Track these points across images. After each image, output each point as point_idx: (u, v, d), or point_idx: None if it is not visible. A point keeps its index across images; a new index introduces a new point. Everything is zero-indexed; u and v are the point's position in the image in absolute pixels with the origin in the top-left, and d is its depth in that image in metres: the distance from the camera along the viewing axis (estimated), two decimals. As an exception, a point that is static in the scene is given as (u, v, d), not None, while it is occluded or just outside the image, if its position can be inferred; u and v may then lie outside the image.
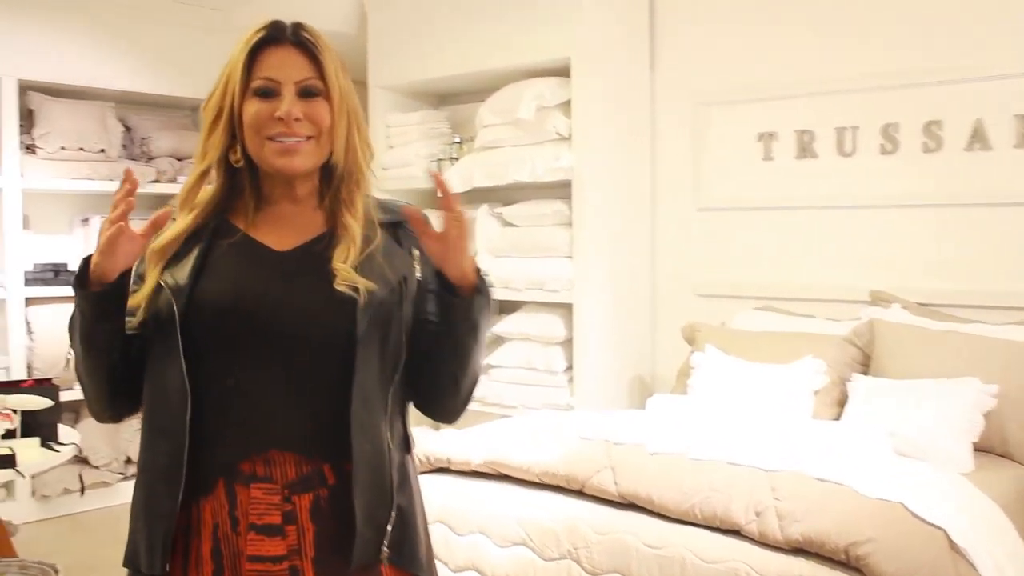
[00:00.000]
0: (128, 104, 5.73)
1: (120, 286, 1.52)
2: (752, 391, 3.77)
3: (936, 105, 4.03)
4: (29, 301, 5.09)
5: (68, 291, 5.38)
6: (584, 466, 3.01)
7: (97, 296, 1.51)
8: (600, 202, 4.60)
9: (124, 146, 5.62)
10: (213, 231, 1.61)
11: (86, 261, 1.51)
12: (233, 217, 1.64)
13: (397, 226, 1.67)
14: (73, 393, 4.97)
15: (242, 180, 1.63)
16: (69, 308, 1.54)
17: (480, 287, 1.59)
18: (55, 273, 5.14)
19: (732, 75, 4.63)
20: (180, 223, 1.60)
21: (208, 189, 1.64)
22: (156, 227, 1.53)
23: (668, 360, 4.69)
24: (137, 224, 1.48)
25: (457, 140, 5.20)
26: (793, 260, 4.46)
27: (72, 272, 5.02)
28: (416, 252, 1.66)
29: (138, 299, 1.55)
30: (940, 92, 4.01)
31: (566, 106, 4.59)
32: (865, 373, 3.77)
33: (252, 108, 1.56)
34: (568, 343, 4.66)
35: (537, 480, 3.11)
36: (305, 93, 1.57)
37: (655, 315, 4.93)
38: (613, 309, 4.68)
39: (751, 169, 4.58)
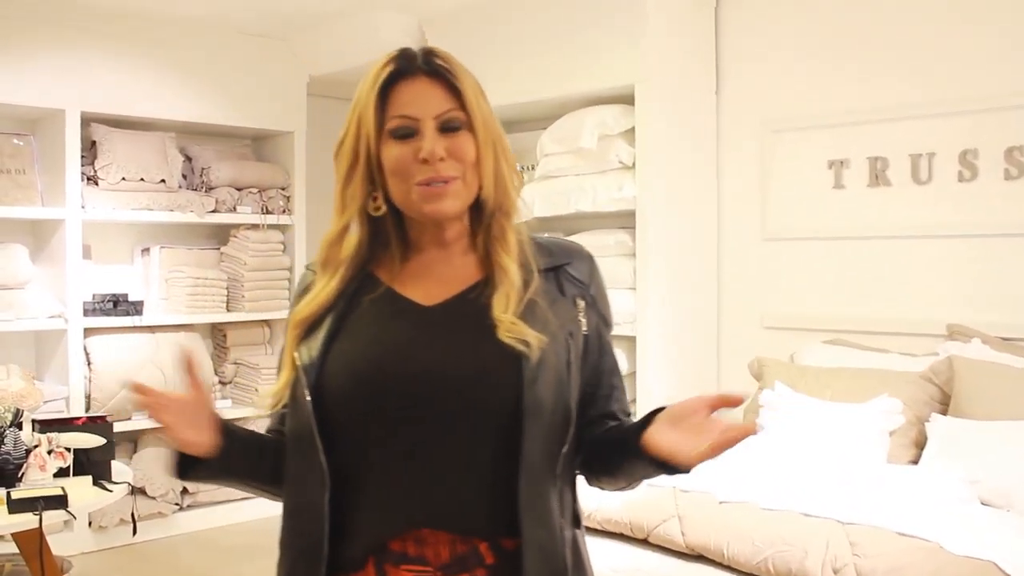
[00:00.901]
0: (189, 134, 5.73)
1: (227, 439, 1.43)
2: (824, 431, 3.59)
3: (1017, 130, 3.84)
4: (88, 332, 5.08)
5: (126, 322, 5.32)
6: (649, 514, 2.89)
7: (210, 467, 1.43)
8: (664, 232, 4.48)
9: (184, 176, 5.61)
10: (355, 290, 1.46)
11: (177, 453, 1.42)
12: (378, 270, 1.48)
13: (558, 271, 1.49)
14: (129, 424, 4.94)
15: (385, 228, 1.47)
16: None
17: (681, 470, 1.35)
18: (114, 304, 5.12)
19: (801, 100, 4.48)
20: (320, 288, 1.46)
21: (350, 243, 1.47)
22: (191, 369, 1.42)
23: (734, 395, 4.52)
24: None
25: (518, 168, 5.10)
26: (865, 292, 4.28)
27: (131, 303, 5.04)
28: (581, 303, 1.48)
29: (278, 386, 1.44)
30: (1021, 117, 3.83)
31: (629, 134, 4.48)
32: (944, 413, 3.57)
33: (392, 152, 1.40)
34: (631, 377, 4.52)
35: (599, 527, 2.99)
36: (447, 127, 1.41)
37: (720, 348, 4.78)
38: (677, 342, 4.54)
39: (821, 197, 4.42)
